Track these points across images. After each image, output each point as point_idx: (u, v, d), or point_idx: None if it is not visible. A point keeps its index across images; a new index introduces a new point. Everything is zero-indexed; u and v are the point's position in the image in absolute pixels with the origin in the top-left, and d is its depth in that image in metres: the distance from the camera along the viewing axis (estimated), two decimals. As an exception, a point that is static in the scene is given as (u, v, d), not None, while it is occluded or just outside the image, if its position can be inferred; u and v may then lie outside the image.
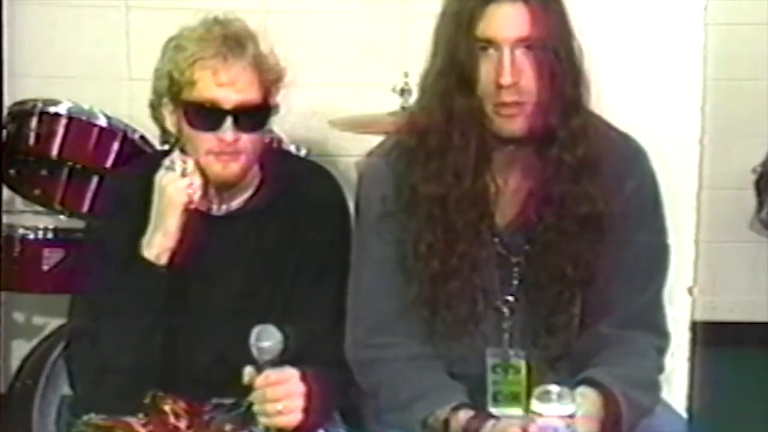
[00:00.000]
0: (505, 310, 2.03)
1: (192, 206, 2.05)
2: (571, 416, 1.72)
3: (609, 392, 1.88)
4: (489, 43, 1.90)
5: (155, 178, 2.07)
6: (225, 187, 2.12)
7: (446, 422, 1.89)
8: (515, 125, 1.92)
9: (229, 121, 2.02)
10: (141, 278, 2.05)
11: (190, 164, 2.05)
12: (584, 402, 1.83)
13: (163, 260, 2.05)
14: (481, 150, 1.95)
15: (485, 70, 1.91)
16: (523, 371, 2.01)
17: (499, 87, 1.89)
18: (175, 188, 2.04)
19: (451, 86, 1.93)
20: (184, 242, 2.07)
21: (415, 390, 1.96)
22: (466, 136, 1.94)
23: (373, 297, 2.04)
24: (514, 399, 2.00)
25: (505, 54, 1.88)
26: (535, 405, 1.73)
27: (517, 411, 1.96)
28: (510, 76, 1.88)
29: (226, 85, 2.02)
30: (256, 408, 1.93)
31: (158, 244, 2.05)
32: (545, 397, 1.72)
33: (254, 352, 1.88)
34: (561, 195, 1.96)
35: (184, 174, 2.04)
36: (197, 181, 2.05)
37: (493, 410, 1.96)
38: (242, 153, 2.06)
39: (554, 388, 1.73)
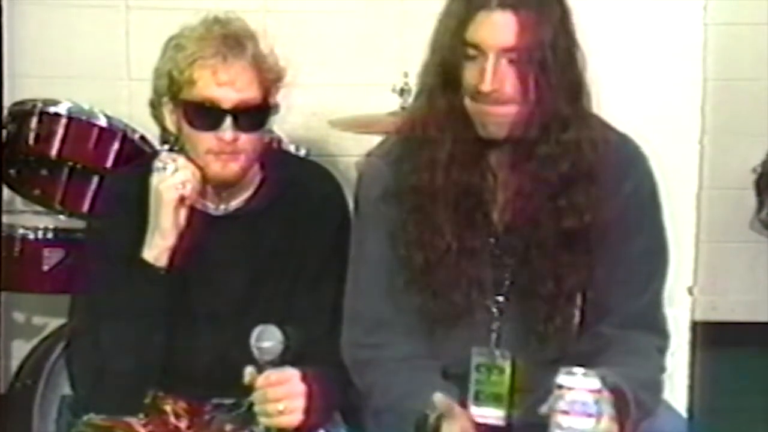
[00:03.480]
0: (495, 310, 2.03)
1: (187, 203, 2.05)
2: (599, 391, 1.72)
3: (619, 390, 1.86)
4: (475, 48, 1.90)
5: (156, 183, 2.05)
6: (224, 187, 2.12)
7: (425, 418, 1.88)
8: (495, 127, 1.92)
9: (228, 121, 2.02)
10: (141, 280, 2.05)
11: (180, 161, 2.05)
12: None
13: (163, 261, 2.05)
14: (463, 146, 1.95)
15: (469, 74, 1.91)
16: (508, 372, 1.99)
17: (480, 93, 1.89)
18: (166, 186, 2.03)
19: (437, 84, 1.95)
20: (183, 242, 2.08)
21: (405, 390, 1.96)
22: (444, 132, 1.95)
23: (369, 297, 2.04)
24: (495, 399, 1.99)
25: (489, 61, 1.88)
26: (563, 379, 1.72)
27: (498, 412, 1.95)
28: (490, 84, 1.88)
29: (226, 85, 2.02)
30: (256, 408, 1.93)
31: (156, 245, 2.05)
32: (571, 372, 1.72)
33: (255, 352, 1.88)
34: (538, 210, 1.96)
35: (174, 171, 2.04)
36: (188, 176, 2.04)
37: (474, 409, 1.95)
38: (241, 153, 2.05)
39: (578, 369, 1.73)
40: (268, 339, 1.88)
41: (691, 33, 2.78)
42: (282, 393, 1.90)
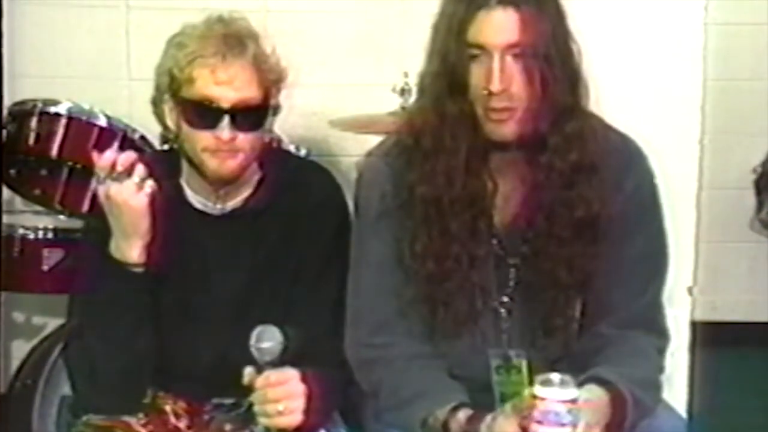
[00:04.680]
0: (502, 311, 2.04)
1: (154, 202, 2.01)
2: (573, 401, 1.72)
3: (616, 390, 1.88)
4: (480, 48, 1.90)
5: (104, 192, 2.00)
6: (221, 184, 2.11)
7: (445, 423, 1.90)
8: (506, 129, 1.92)
9: (225, 120, 2.02)
10: (118, 279, 2.03)
11: (140, 168, 1.99)
12: (591, 399, 1.83)
13: (140, 259, 2.03)
14: (474, 153, 1.95)
15: (476, 76, 1.91)
16: (525, 371, 2.01)
17: (489, 93, 1.89)
18: (135, 196, 1.98)
19: (444, 90, 1.94)
20: (183, 242, 2.08)
21: (414, 389, 1.97)
22: (457, 140, 1.94)
23: (372, 296, 2.04)
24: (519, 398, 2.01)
25: (495, 60, 1.88)
26: (537, 390, 1.73)
27: None
28: (499, 83, 1.88)
29: (224, 84, 2.01)
30: (256, 408, 1.92)
31: (135, 245, 2.02)
32: (547, 382, 1.73)
33: (255, 352, 1.87)
34: (552, 201, 1.97)
35: (140, 179, 1.99)
36: (143, 172, 1.98)
37: None
38: (239, 151, 2.05)
39: (556, 376, 1.74)
40: (267, 339, 1.87)
41: (691, 33, 2.78)
42: (281, 393, 1.90)
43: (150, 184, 1.99)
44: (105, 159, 2.00)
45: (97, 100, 2.89)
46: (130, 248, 2.02)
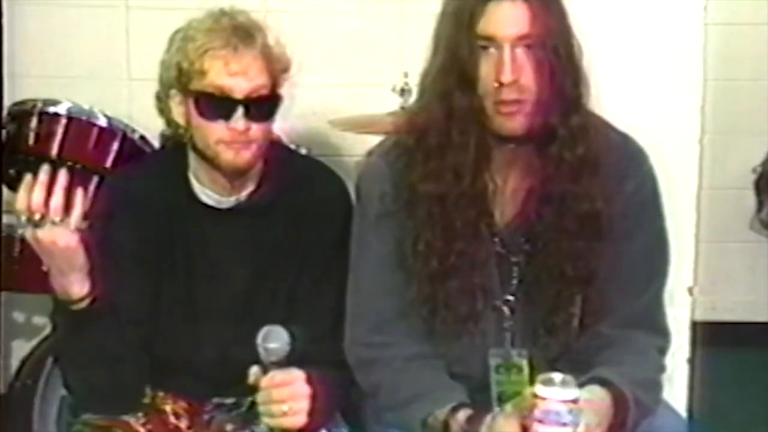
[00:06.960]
0: (505, 309, 2.04)
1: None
2: (574, 401, 1.72)
3: (618, 390, 1.88)
4: (489, 40, 1.91)
5: (30, 237, 1.93)
6: (237, 175, 2.10)
7: (446, 423, 1.90)
8: (515, 123, 1.92)
9: (240, 111, 2.01)
10: (62, 317, 2.02)
11: (57, 208, 1.92)
12: (593, 399, 1.83)
13: (83, 291, 1.98)
14: (481, 149, 1.95)
15: (486, 68, 1.91)
16: (526, 371, 2.01)
17: (500, 85, 1.89)
18: (64, 235, 1.91)
19: (452, 84, 1.94)
20: (185, 236, 2.09)
21: (414, 389, 1.97)
22: (466, 135, 1.94)
23: (372, 296, 2.04)
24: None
25: (506, 52, 1.89)
26: (538, 389, 1.73)
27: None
28: (510, 74, 1.88)
29: (238, 75, 2.01)
30: (261, 408, 1.91)
31: (74, 280, 1.97)
32: (548, 382, 1.73)
33: (261, 352, 1.87)
34: (561, 193, 1.97)
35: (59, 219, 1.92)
36: (61, 213, 1.92)
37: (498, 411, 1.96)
38: (253, 142, 2.04)
39: (557, 375, 1.74)
40: (274, 340, 1.86)
41: (691, 33, 2.78)
42: (287, 394, 1.90)
43: (74, 219, 1.92)
44: (20, 202, 1.94)
45: (97, 100, 2.88)
46: (71, 284, 1.97)
